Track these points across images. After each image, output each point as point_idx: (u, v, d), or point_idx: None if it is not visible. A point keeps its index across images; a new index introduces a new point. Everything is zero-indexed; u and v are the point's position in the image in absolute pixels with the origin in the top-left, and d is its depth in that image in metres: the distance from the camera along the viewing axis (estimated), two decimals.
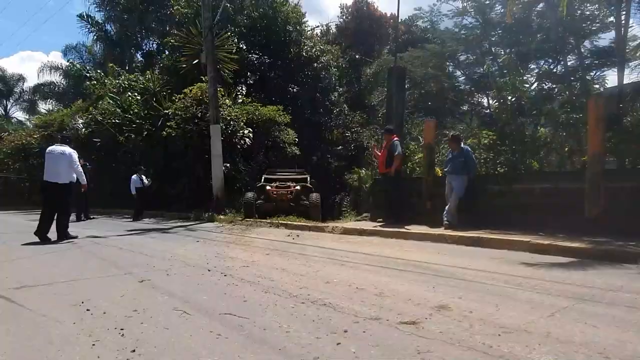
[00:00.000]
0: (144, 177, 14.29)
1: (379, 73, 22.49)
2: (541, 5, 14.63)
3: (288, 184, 12.55)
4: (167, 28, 21.74)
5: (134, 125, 16.76)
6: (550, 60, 16.99)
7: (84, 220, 13.32)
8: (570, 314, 3.13)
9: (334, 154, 21.34)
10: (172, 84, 17.54)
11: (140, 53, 26.78)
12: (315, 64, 21.00)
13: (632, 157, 7.87)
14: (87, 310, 3.38)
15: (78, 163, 8.47)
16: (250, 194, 12.14)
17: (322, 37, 26.21)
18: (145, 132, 16.38)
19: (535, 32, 16.33)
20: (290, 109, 18.32)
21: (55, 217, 8.22)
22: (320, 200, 12.18)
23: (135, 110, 17.22)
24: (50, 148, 8.44)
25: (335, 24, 28.57)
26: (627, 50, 12.33)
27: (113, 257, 6.09)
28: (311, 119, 20.50)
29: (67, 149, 8.35)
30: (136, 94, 17.87)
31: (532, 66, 17.38)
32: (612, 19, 12.57)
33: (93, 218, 13.59)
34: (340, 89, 24.37)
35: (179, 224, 11.55)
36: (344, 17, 28.23)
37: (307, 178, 13.70)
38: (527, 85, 12.43)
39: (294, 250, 6.43)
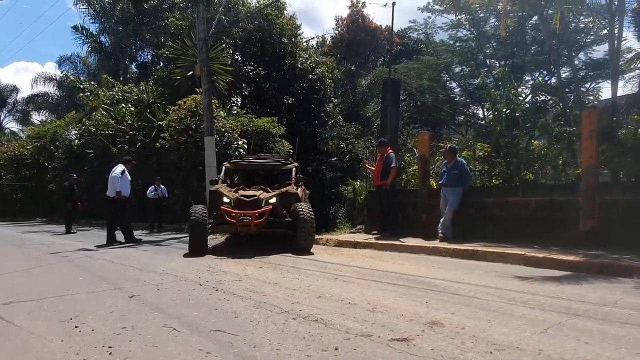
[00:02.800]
0: (162, 186, 14.05)
1: (374, 84, 22.59)
2: (535, 18, 14.76)
3: (256, 195, 7.72)
4: (162, 40, 21.74)
5: (128, 137, 16.74)
6: (545, 72, 17.13)
7: (73, 232, 13.19)
8: (563, 330, 3.10)
9: (329, 165, 21.33)
10: (166, 96, 17.54)
11: (134, 64, 26.77)
12: (310, 76, 21.07)
13: (626, 170, 7.88)
14: (76, 327, 3.33)
15: (117, 174, 9.63)
16: (199, 209, 7.69)
17: (318, 48, 26.34)
18: (139, 144, 16.37)
19: (529, 45, 16.47)
20: (285, 120, 18.33)
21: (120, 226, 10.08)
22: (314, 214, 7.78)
23: (129, 122, 17.19)
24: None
25: (331, 36, 28.75)
26: (621, 63, 12.41)
27: (103, 271, 6.03)
28: (306, 130, 20.52)
29: (117, 167, 9.77)
30: (130, 105, 17.85)
31: (527, 78, 17.51)
32: (606, 31, 12.66)
33: (74, 232, 13.36)
34: (336, 100, 24.45)
35: (172, 236, 11.48)
36: (339, 29, 28.42)
37: (292, 171, 9.28)
38: (522, 97, 12.47)
39: (286, 264, 6.39)
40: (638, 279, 4.79)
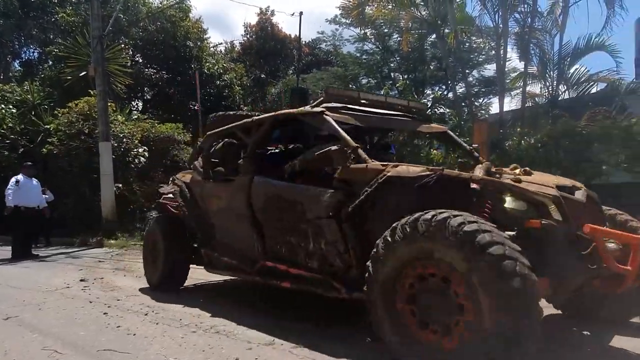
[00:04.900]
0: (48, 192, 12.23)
1: (284, 92, 22.72)
2: (433, 36, 15.79)
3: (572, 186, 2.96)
4: (51, 36, 19.85)
5: (8, 141, 14.95)
6: (444, 87, 18.39)
7: None
8: None
9: None
10: (55, 97, 16.03)
11: (17, 62, 24.07)
12: (218, 82, 20.63)
13: None
14: None
15: (9, 186, 8.91)
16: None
17: (226, 54, 25.84)
18: (22, 149, 14.70)
19: (429, 61, 17.60)
20: (191, 126, 17.69)
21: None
22: None
23: (10, 125, 15.33)
24: None
25: (240, 43, 28.37)
26: (507, 81, 13.66)
27: None
28: None
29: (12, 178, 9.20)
30: (11, 106, 15.97)
31: (428, 92, 18.68)
32: (494, 52, 13.86)
33: None
34: (245, 107, 24.13)
35: (60, 250, 10.40)
36: (248, 36, 28.17)
37: (447, 136, 4.68)
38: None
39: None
40: None
